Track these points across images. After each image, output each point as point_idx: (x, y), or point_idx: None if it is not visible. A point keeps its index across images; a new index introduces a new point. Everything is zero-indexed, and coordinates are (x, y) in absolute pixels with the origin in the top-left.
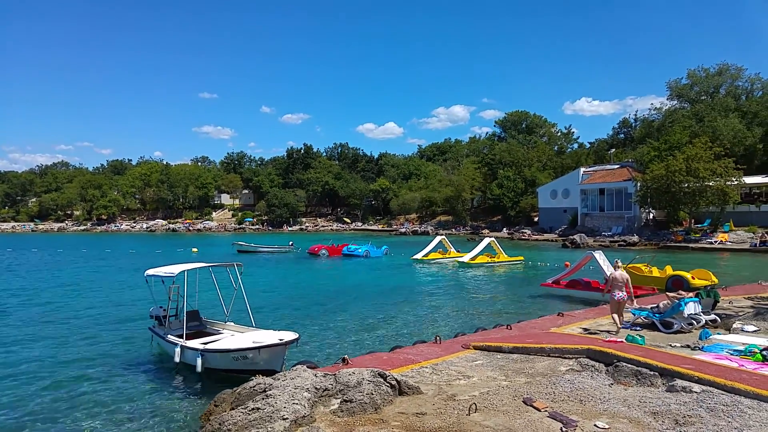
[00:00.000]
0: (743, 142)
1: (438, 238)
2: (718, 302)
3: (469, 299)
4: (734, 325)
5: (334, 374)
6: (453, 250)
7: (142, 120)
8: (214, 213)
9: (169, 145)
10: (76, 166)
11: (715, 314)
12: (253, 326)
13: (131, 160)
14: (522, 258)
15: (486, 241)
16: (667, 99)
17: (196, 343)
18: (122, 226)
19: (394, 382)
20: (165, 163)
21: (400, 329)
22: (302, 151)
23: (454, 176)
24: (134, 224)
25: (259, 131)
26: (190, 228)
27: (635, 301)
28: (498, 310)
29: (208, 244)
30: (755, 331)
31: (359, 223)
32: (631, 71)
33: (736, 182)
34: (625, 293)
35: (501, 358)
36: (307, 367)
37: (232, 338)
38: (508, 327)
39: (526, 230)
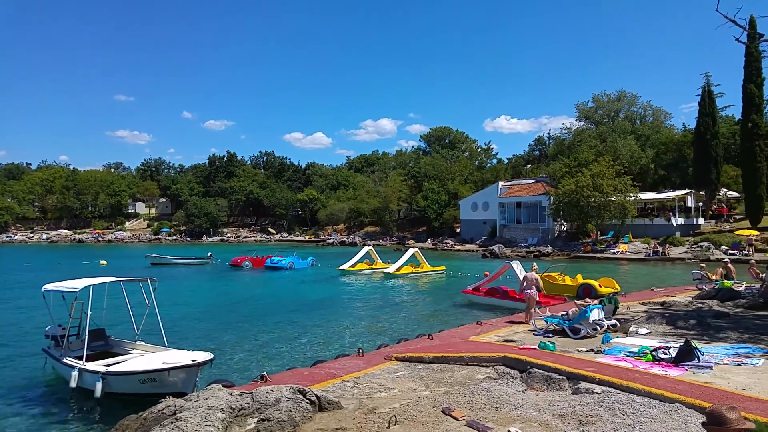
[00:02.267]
0: (639, 162)
1: (365, 249)
2: (618, 308)
3: (393, 310)
4: (630, 329)
5: (252, 392)
6: (379, 260)
7: (45, 121)
8: (127, 223)
9: (78, 150)
10: None
11: (615, 319)
12: (165, 345)
13: (30, 164)
14: (444, 268)
15: (410, 251)
16: (576, 120)
17: (96, 366)
18: (15, 237)
19: (314, 398)
20: (72, 168)
21: (323, 343)
22: (225, 158)
23: (382, 188)
24: (31, 234)
25: (179, 137)
26: (100, 239)
27: (548, 309)
28: (421, 320)
29: (119, 256)
30: (647, 333)
31: (285, 234)
32: (545, 92)
33: (633, 198)
34: (535, 291)
35: (422, 368)
36: (223, 385)
37: (139, 359)
38: (430, 337)
39: (449, 241)
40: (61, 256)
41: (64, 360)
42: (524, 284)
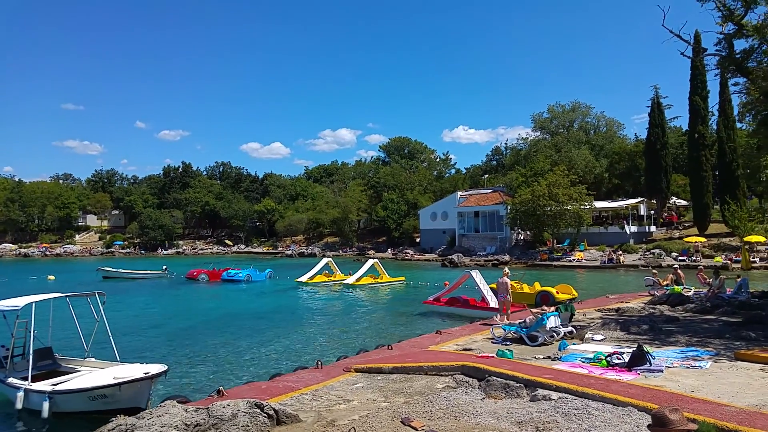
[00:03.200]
0: (593, 171)
1: (324, 260)
2: (574, 315)
3: (352, 321)
4: (586, 335)
5: (207, 408)
6: (339, 272)
7: None
8: (77, 236)
9: (24, 160)
10: None
11: (571, 326)
12: (117, 361)
13: None
14: (404, 278)
15: (370, 262)
16: (532, 130)
17: (43, 385)
18: None
19: (271, 412)
20: (17, 179)
21: (281, 356)
22: (180, 169)
23: (341, 198)
24: None
25: (132, 148)
26: (47, 253)
27: (508, 317)
28: (380, 331)
29: (68, 270)
30: (602, 339)
31: (242, 246)
32: (502, 103)
33: (588, 206)
34: (509, 295)
35: (381, 379)
36: (177, 401)
37: (89, 376)
38: (389, 347)
39: (409, 251)
40: (4, 271)
41: (9, 381)
42: (498, 290)
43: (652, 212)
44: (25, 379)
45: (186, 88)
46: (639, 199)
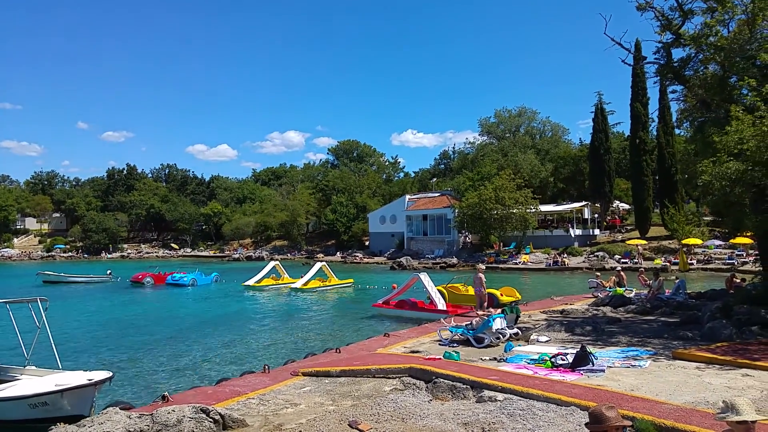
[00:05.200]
0: (539, 176)
1: (272, 264)
2: (520, 317)
3: (300, 325)
4: (531, 337)
5: (152, 414)
6: (286, 275)
7: None
8: (15, 239)
9: None
10: None
11: (517, 328)
12: (59, 368)
13: None
14: (352, 281)
15: (318, 265)
16: (479, 134)
17: None
18: None
19: (217, 417)
20: None
21: (228, 361)
22: (125, 171)
23: (290, 201)
24: None
25: (74, 149)
26: None
27: (453, 319)
28: (329, 334)
29: (6, 275)
30: (547, 341)
31: (189, 249)
32: (451, 107)
33: (534, 210)
34: (482, 289)
35: (329, 382)
36: (120, 408)
37: (29, 382)
38: (337, 350)
39: (358, 254)
40: None
41: None
42: (474, 284)
43: (596, 216)
44: None
45: (130, 88)
46: (583, 203)
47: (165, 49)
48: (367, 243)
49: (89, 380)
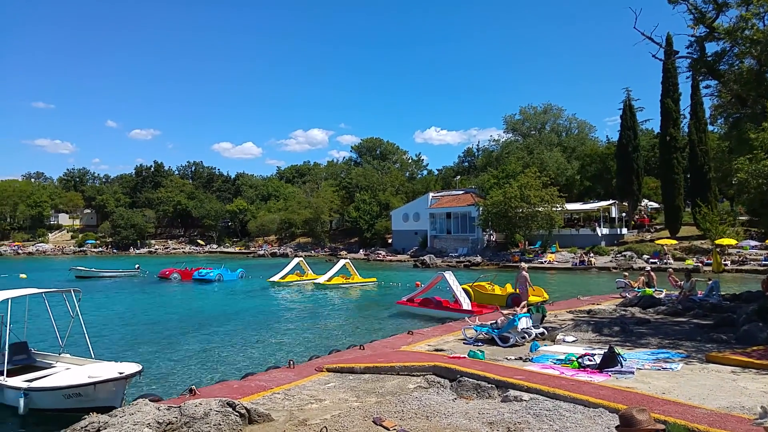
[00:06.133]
0: (565, 173)
1: (296, 260)
2: (546, 317)
3: (324, 321)
4: (558, 337)
5: (180, 406)
6: (310, 272)
7: None
8: (49, 235)
9: None
10: None
11: (543, 327)
12: (91, 357)
13: None
14: (375, 279)
15: (341, 262)
16: (504, 132)
17: (19, 381)
18: None
19: (243, 411)
20: None
21: (253, 355)
22: (152, 168)
23: (313, 199)
24: None
25: (104, 147)
26: (19, 251)
27: (478, 318)
28: (352, 331)
29: (40, 269)
30: (574, 341)
31: (215, 246)
32: (475, 104)
33: (560, 208)
34: (526, 287)
35: (353, 378)
36: (150, 400)
37: (64, 373)
38: (361, 347)
39: (381, 251)
40: None
41: None
42: (518, 282)
43: (624, 215)
44: (1, 373)
45: (157, 87)
46: (611, 202)
47: (191, 48)
48: (390, 241)
49: (120, 373)
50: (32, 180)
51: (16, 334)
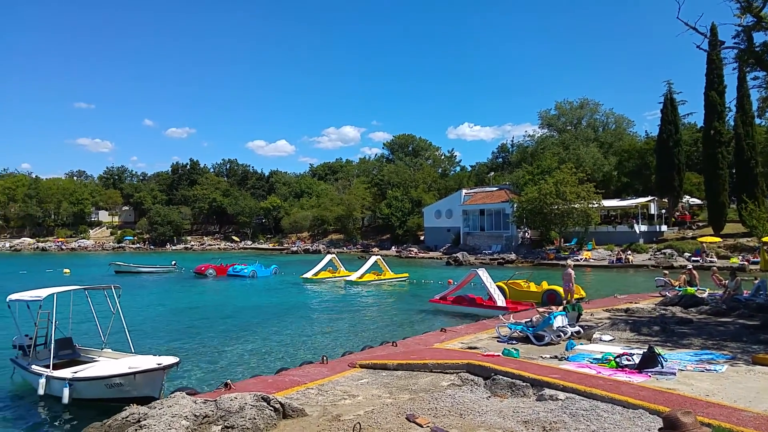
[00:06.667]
0: (601, 169)
1: (328, 257)
2: (582, 315)
3: (357, 317)
4: (594, 336)
5: (215, 400)
6: (343, 268)
7: (6, 128)
8: (90, 231)
9: (39, 157)
10: None
11: (579, 326)
12: (131, 352)
13: None
14: (407, 275)
15: (373, 259)
16: (539, 127)
17: (64, 373)
18: None
19: (278, 406)
20: (34, 176)
21: (287, 351)
22: (188, 166)
23: (345, 195)
24: None
25: (141, 145)
26: (63, 247)
27: (512, 316)
28: (384, 327)
29: (82, 264)
30: (611, 340)
31: (249, 242)
32: (509, 99)
33: (596, 205)
34: (571, 284)
35: (386, 375)
36: (187, 393)
37: (105, 364)
38: (394, 344)
39: (413, 248)
40: (24, 264)
41: (32, 368)
42: (564, 279)
43: (664, 211)
44: (47, 367)
45: (192, 86)
46: (649, 198)
47: (225, 49)
48: (422, 237)
49: (158, 365)
50: (74, 178)
51: (61, 330)
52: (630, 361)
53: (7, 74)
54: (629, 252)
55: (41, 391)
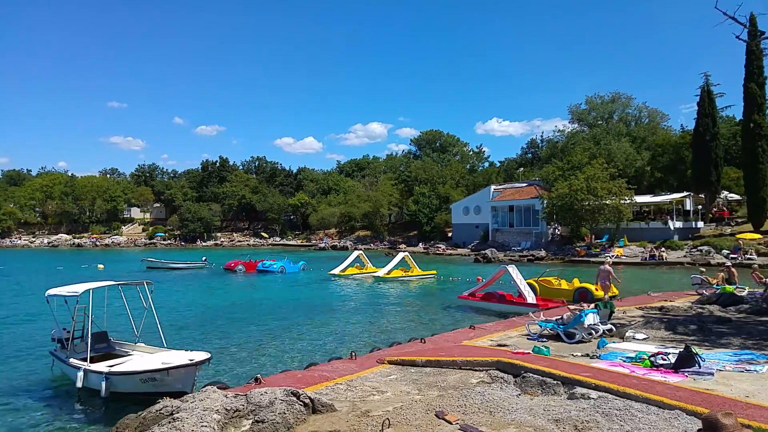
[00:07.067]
0: (634, 165)
1: (356, 253)
2: (614, 313)
3: (384, 314)
4: (627, 334)
5: (246, 395)
6: (370, 264)
7: (44, 128)
8: (123, 227)
9: (75, 156)
10: None
11: (611, 324)
12: (164, 346)
13: (31, 171)
14: (435, 272)
15: (400, 255)
16: (569, 122)
17: (101, 366)
18: (19, 241)
19: (307, 401)
20: (70, 174)
21: (315, 346)
22: (217, 163)
23: (373, 192)
24: (33, 239)
25: (171, 143)
26: (97, 243)
27: (543, 313)
28: (412, 324)
29: (115, 260)
30: (645, 338)
31: (278, 238)
32: (538, 94)
33: (628, 201)
34: (608, 281)
35: (414, 372)
36: (218, 387)
37: (140, 359)
38: (422, 341)
39: (441, 245)
40: (61, 260)
41: (70, 361)
42: (600, 276)
43: (700, 207)
44: (84, 360)
45: (221, 84)
46: (685, 194)
47: (252, 48)
48: (449, 234)
49: (191, 360)
50: (108, 176)
51: (97, 324)
52: (665, 360)
53: (47, 77)
54: (663, 249)
55: (79, 384)
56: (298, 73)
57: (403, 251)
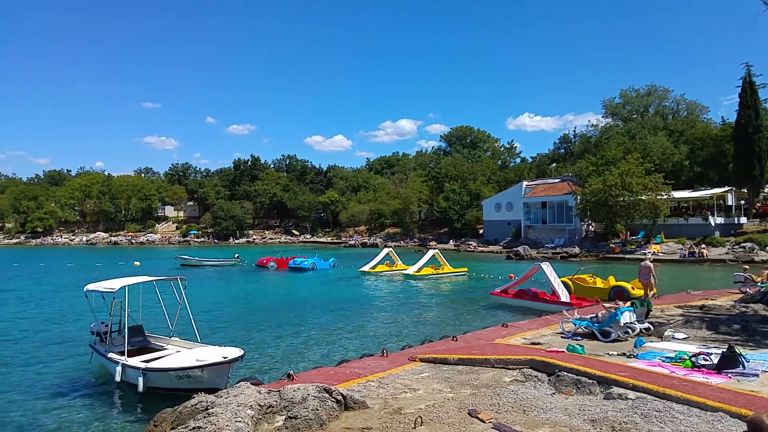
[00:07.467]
0: (671, 159)
1: (385, 250)
2: (651, 311)
3: (415, 311)
4: (666, 333)
5: (279, 390)
6: (400, 262)
7: (83, 129)
8: (157, 225)
9: (111, 156)
10: (8, 176)
11: (648, 323)
12: (198, 342)
13: (70, 171)
14: (466, 269)
15: (430, 252)
16: (603, 117)
17: (137, 362)
18: (60, 239)
19: (339, 397)
20: (107, 174)
21: (347, 343)
22: (249, 162)
23: (402, 189)
24: (73, 237)
25: (204, 142)
26: (133, 241)
27: (577, 311)
28: (444, 322)
29: (150, 257)
30: (685, 338)
31: (308, 236)
32: (570, 88)
33: (665, 196)
34: (650, 278)
35: (447, 370)
36: (251, 383)
37: (175, 356)
38: (454, 338)
39: (472, 242)
40: (99, 257)
41: (109, 355)
42: (641, 272)
43: (743, 202)
44: (122, 353)
45: (252, 84)
46: (726, 188)
47: (283, 48)
48: (481, 231)
49: (224, 357)
50: (143, 175)
51: (133, 318)
52: (707, 360)
53: (85, 81)
54: (703, 246)
55: (118, 378)
56: (328, 71)
57: (434, 248)
